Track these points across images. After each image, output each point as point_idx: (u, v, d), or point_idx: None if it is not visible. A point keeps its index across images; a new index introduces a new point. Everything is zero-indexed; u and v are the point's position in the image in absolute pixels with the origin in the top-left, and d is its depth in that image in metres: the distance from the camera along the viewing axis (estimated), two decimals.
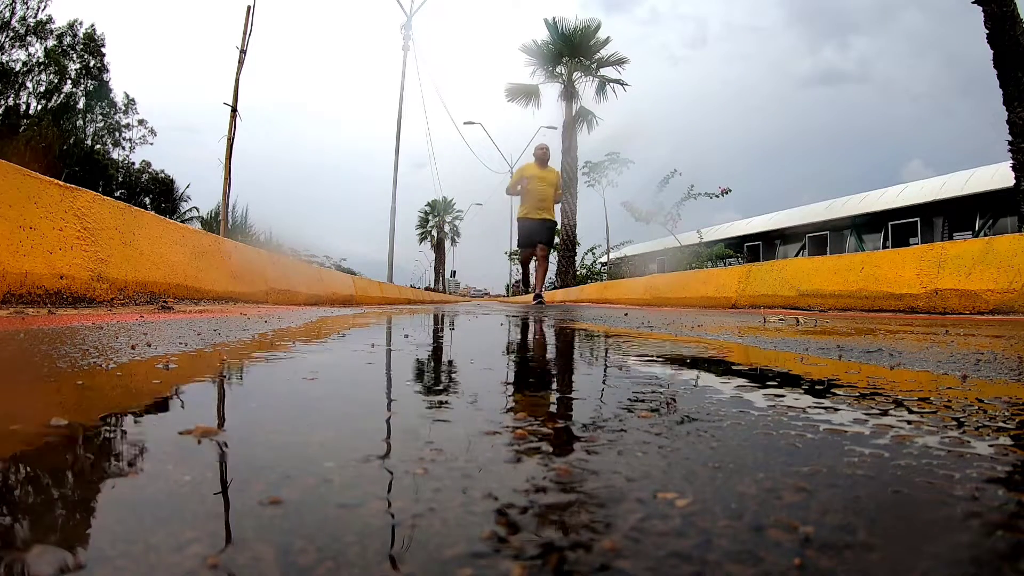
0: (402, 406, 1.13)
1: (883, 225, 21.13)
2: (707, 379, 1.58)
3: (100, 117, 30.29)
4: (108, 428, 0.87)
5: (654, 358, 2.14)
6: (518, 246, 13.77)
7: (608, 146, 29.09)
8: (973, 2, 9.80)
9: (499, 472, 0.68)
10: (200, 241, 6.77)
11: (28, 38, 27.46)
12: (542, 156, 12.93)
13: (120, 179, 31.09)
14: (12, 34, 26.97)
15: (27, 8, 27.13)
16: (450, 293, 57.29)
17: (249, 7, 13.70)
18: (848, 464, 0.71)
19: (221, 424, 0.93)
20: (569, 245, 29.06)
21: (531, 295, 13.18)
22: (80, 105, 29.24)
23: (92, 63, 29.39)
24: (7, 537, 0.48)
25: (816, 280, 8.78)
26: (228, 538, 0.48)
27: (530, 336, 3.62)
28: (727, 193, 22.93)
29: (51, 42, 28.08)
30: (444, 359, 2.19)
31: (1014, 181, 9.86)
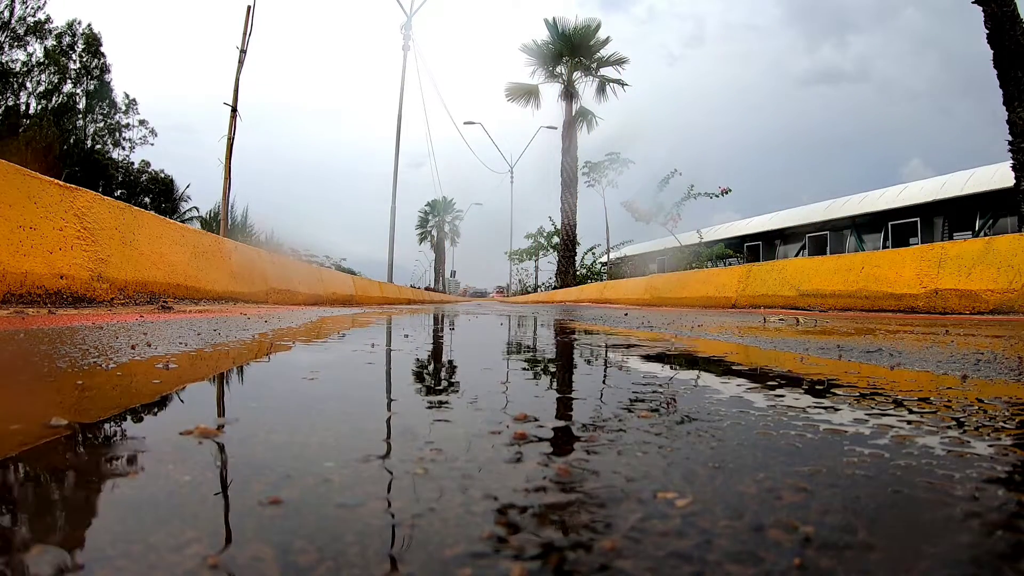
0: (402, 406, 1.13)
1: (883, 225, 21.10)
2: (707, 379, 1.58)
3: (100, 117, 30.29)
4: (108, 428, 0.87)
5: (654, 358, 2.14)
6: None
7: (608, 146, 29.09)
8: (973, 2, 9.80)
9: (499, 472, 0.68)
10: (200, 241, 6.77)
11: (27, 38, 27.45)
12: None
13: (120, 179, 31.08)
14: (11, 34, 26.97)
15: (26, 7, 27.12)
16: (450, 293, 57.26)
17: (249, 7, 13.69)
18: (848, 464, 0.71)
19: (221, 424, 0.93)
20: (569, 245, 29.04)
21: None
22: (80, 105, 29.26)
23: (93, 63, 29.40)
24: (7, 537, 0.48)
25: (816, 280, 8.78)
26: (228, 538, 0.48)
27: (528, 336, 3.62)
28: (727, 193, 22.92)
29: (50, 42, 28.09)
30: (444, 359, 2.19)
31: (1014, 181, 9.86)
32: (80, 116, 29.78)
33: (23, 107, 28.03)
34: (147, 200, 31.93)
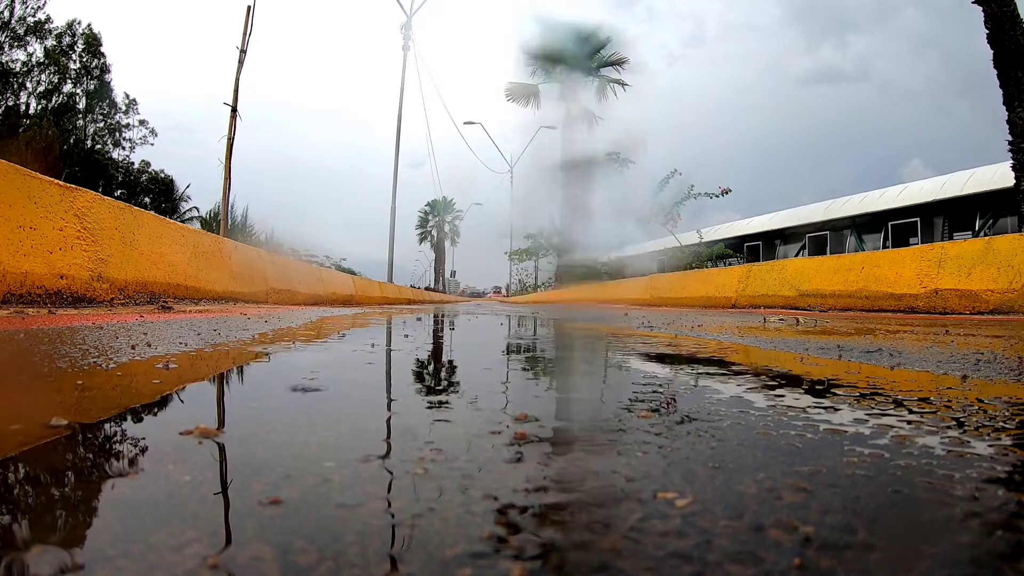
0: (402, 406, 1.13)
1: (883, 225, 21.09)
2: (707, 379, 1.58)
3: (100, 117, 30.28)
4: (108, 428, 0.87)
5: (653, 357, 2.14)
6: None
7: (610, 147, 29.07)
8: (973, 2, 9.80)
9: (499, 472, 0.68)
10: (200, 241, 6.77)
11: (27, 38, 27.44)
12: None
13: (120, 179, 31.06)
14: (11, 34, 26.96)
15: (26, 7, 27.11)
16: (450, 293, 57.28)
17: (249, 7, 13.70)
18: (848, 464, 0.71)
19: (221, 424, 0.93)
20: None
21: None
22: (80, 105, 29.25)
23: (93, 63, 29.39)
24: (7, 537, 0.48)
25: (816, 280, 8.78)
26: (228, 538, 0.48)
27: (527, 336, 3.62)
28: (727, 193, 22.93)
29: (50, 42, 28.09)
30: (444, 359, 2.19)
31: (1014, 181, 9.85)
32: (80, 116, 29.77)
33: (23, 107, 28.02)
34: (147, 200, 31.90)
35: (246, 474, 0.65)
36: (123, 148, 31.80)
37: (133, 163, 32.49)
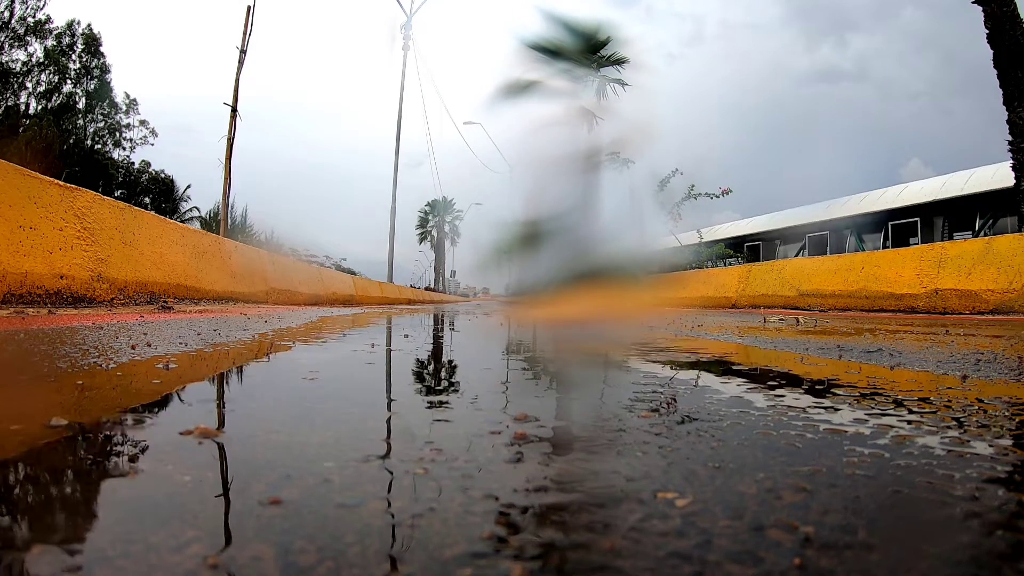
0: (402, 406, 1.13)
1: (883, 225, 21.09)
2: (707, 379, 1.58)
3: (100, 117, 30.29)
4: (108, 428, 0.87)
5: (653, 358, 2.14)
6: None
7: (610, 146, 29.04)
8: (973, 2, 9.80)
9: (499, 472, 0.68)
10: (200, 241, 6.77)
11: (27, 38, 27.47)
12: None
13: (120, 179, 31.06)
14: (11, 34, 26.98)
15: (26, 7, 27.14)
16: (450, 293, 57.25)
17: (249, 7, 13.71)
18: (848, 464, 0.71)
19: (221, 424, 0.93)
20: None
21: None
22: (80, 105, 29.27)
23: (93, 63, 29.41)
24: (7, 537, 0.48)
25: (816, 280, 8.78)
26: (228, 538, 0.48)
27: (527, 336, 3.62)
28: (728, 193, 22.90)
29: (50, 42, 28.10)
30: (444, 359, 2.18)
31: (1014, 181, 9.85)
32: (80, 116, 29.78)
33: (23, 107, 28.02)
34: (147, 200, 31.89)
35: (246, 474, 0.65)
36: (123, 148, 31.80)
37: (133, 163, 32.49)
